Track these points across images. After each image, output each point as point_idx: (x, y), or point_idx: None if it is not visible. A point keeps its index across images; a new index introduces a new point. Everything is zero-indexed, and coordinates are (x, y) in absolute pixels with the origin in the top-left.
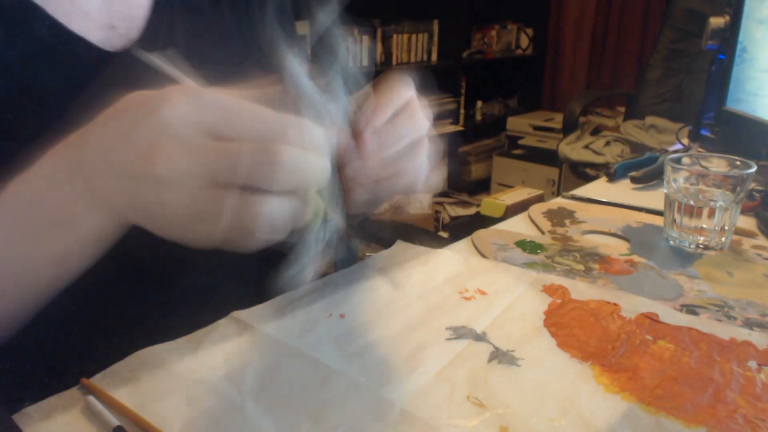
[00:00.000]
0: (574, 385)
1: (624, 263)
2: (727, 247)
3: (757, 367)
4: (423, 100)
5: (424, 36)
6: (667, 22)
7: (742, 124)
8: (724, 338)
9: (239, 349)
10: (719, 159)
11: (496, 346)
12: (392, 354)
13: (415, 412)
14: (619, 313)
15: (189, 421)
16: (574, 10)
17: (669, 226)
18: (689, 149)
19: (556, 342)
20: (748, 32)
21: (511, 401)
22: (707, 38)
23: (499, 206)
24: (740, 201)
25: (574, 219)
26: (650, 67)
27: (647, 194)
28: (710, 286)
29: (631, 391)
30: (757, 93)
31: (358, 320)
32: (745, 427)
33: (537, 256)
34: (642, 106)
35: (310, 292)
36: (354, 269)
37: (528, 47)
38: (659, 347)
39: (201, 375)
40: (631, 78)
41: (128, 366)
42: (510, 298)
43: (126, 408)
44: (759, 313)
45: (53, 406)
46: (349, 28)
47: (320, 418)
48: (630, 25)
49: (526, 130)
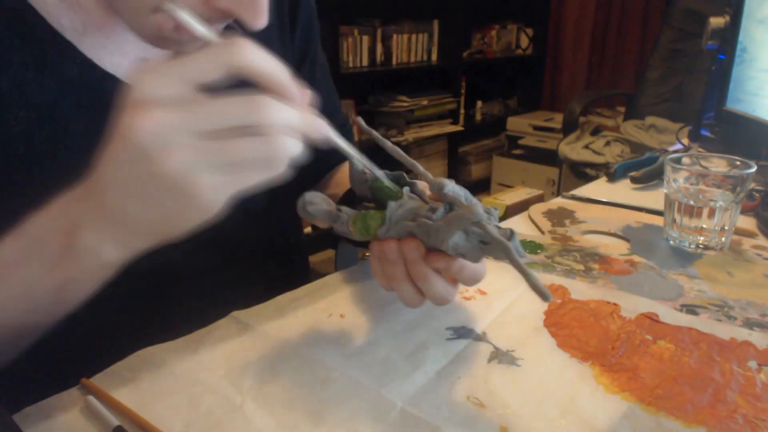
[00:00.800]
0: (574, 385)
1: (624, 263)
2: (727, 247)
3: (757, 367)
4: None
5: (424, 36)
6: (667, 22)
7: (742, 124)
8: (724, 338)
9: (239, 349)
10: (719, 159)
11: (496, 346)
12: (392, 354)
13: (415, 412)
14: (619, 313)
15: (189, 421)
16: (574, 10)
17: (669, 226)
18: (689, 149)
19: (556, 342)
20: (748, 32)
21: (511, 401)
22: (707, 38)
23: (499, 206)
24: (740, 201)
25: (574, 219)
26: (650, 67)
27: (647, 194)
28: (710, 286)
29: (631, 391)
30: (757, 93)
31: (358, 320)
32: (745, 427)
33: (537, 256)
34: (642, 106)
35: (310, 292)
36: (354, 269)
37: (528, 47)
38: (659, 347)
39: (201, 375)
40: (631, 78)
41: (128, 366)
42: (510, 298)
43: (126, 408)
44: (759, 313)
45: (53, 406)
46: (349, 28)
47: (320, 418)
48: (630, 25)
49: (526, 130)
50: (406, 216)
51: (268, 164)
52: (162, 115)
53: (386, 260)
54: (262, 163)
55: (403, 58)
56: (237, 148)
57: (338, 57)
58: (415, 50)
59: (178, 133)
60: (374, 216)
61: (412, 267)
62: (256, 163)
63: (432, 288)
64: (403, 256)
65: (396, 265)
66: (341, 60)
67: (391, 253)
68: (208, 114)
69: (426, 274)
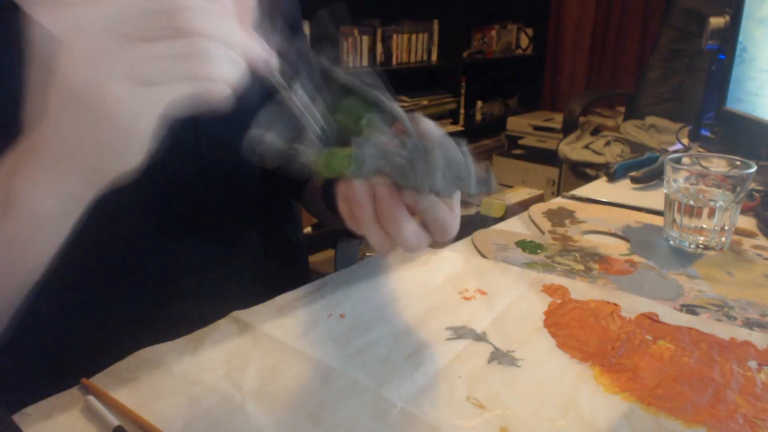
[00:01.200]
0: (574, 386)
1: (624, 263)
2: (727, 247)
3: (757, 367)
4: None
5: (424, 36)
6: (667, 22)
7: (742, 124)
8: (724, 338)
9: (239, 349)
10: (719, 159)
11: (496, 347)
12: (392, 354)
13: (415, 412)
14: (619, 313)
15: (189, 421)
16: (574, 10)
17: (669, 226)
18: (689, 149)
19: (556, 342)
20: (748, 32)
21: (511, 402)
22: (707, 38)
23: (499, 206)
24: (740, 201)
25: (574, 219)
26: (650, 67)
27: (647, 194)
28: (710, 286)
29: (631, 391)
30: (757, 93)
31: (358, 320)
32: (745, 427)
33: (537, 256)
34: (642, 106)
35: (310, 292)
36: (354, 269)
37: (528, 47)
38: (659, 347)
39: (201, 375)
40: (631, 78)
41: (128, 366)
42: (510, 298)
43: (126, 408)
44: (759, 313)
45: (53, 406)
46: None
47: (320, 418)
48: (630, 25)
49: (526, 130)
50: (374, 155)
51: (192, 75)
52: (68, 7)
53: (354, 202)
54: (186, 74)
55: (403, 58)
56: (155, 49)
57: (338, 57)
58: (415, 50)
59: (87, 27)
60: (340, 156)
61: (380, 206)
62: (179, 72)
63: (401, 231)
64: (372, 196)
65: (363, 207)
66: (341, 60)
67: (360, 195)
68: (116, 4)
69: (395, 216)
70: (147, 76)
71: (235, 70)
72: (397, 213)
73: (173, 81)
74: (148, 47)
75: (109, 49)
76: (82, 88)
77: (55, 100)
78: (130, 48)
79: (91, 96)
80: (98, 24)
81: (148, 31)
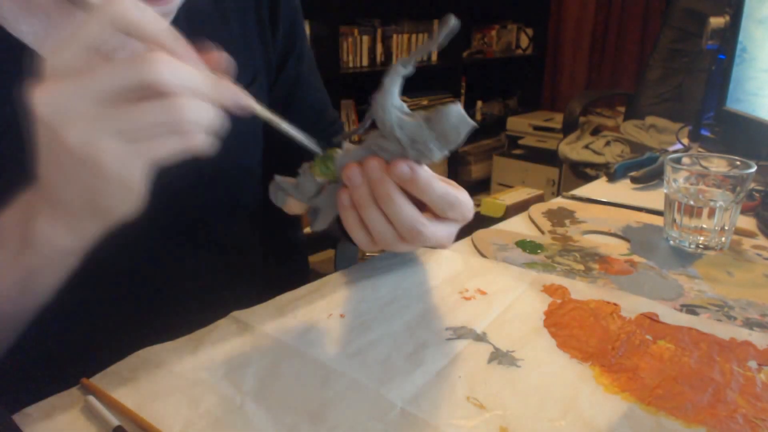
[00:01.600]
0: (574, 386)
1: (624, 263)
2: (727, 247)
3: (757, 367)
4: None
5: (424, 36)
6: (667, 22)
7: (742, 124)
8: (724, 338)
9: (239, 349)
10: (719, 159)
11: (496, 347)
12: (392, 354)
13: (415, 412)
14: (619, 313)
15: (189, 421)
16: (574, 10)
17: (669, 226)
18: (689, 149)
19: (556, 342)
20: (748, 32)
21: (511, 402)
22: (707, 38)
23: (499, 206)
24: (740, 201)
25: (574, 219)
26: (650, 67)
27: (647, 194)
28: (710, 286)
29: (631, 391)
30: (757, 93)
31: (358, 320)
32: (745, 427)
33: (537, 256)
34: (642, 106)
35: (310, 292)
36: (354, 269)
37: (528, 47)
38: (659, 347)
39: (201, 375)
40: (631, 78)
41: (128, 366)
42: (510, 298)
43: (126, 408)
44: (759, 313)
45: (53, 406)
46: (349, 28)
47: (320, 418)
48: (630, 25)
49: (526, 130)
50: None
51: (175, 130)
52: (57, 85)
53: (352, 186)
54: (169, 129)
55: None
56: (136, 112)
57: (338, 57)
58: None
59: (74, 101)
60: (331, 157)
61: (376, 187)
62: (161, 128)
63: (399, 212)
64: (367, 176)
65: (361, 189)
66: (341, 60)
67: (355, 176)
68: (101, 76)
69: (391, 194)
70: (133, 133)
71: (212, 118)
72: (393, 191)
73: (156, 137)
74: (133, 109)
75: (97, 113)
76: (77, 147)
77: (55, 158)
78: (116, 110)
79: (86, 153)
80: (85, 94)
81: (129, 94)
